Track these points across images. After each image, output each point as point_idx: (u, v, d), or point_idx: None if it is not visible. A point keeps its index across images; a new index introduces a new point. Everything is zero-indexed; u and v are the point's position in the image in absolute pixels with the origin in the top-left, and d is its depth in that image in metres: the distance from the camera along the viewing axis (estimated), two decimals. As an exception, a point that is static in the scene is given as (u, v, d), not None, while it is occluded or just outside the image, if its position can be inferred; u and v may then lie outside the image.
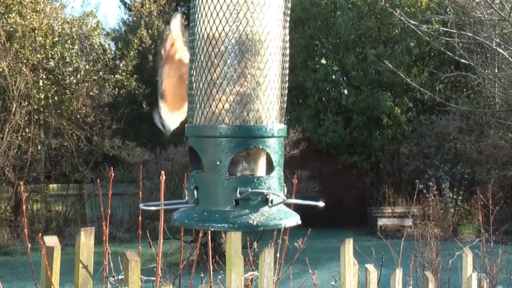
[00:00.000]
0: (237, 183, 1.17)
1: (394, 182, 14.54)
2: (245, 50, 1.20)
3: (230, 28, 1.19)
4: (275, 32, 1.23)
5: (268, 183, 1.19)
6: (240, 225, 1.16)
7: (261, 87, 1.21)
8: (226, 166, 1.17)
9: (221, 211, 1.17)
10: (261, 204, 1.18)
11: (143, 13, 17.20)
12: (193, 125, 1.25)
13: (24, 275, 9.09)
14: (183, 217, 1.22)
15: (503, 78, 12.75)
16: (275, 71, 1.23)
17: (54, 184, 14.92)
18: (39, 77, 13.59)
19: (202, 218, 1.18)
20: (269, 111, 1.22)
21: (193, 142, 1.24)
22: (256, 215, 1.17)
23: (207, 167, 1.20)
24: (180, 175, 9.92)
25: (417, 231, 6.20)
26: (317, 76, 15.78)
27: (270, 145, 1.21)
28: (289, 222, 1.20)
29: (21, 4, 13.45)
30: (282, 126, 1.24)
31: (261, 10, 1.20)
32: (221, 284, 2.55)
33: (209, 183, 1.19)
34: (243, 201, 1.17)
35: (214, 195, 1.18)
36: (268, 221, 1.17)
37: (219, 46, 1.20)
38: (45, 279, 1.74)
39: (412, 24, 10.11)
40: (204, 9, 1.21)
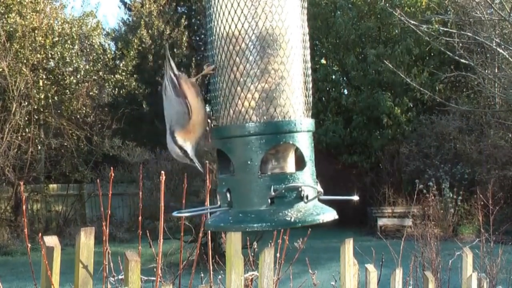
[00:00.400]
0: (270, 181, 1.15)
1: (394, 182, 14.54)
2: (266, 45, 1.18)
3: (250, 24, 1.18)
4: (295, 26, 1.22)
5: (301, 178, 1.18)
6: (278, 222, 1.14)
7: (285, 81, 1.19)
8: (257, 164, 1.15)
9: (257, 211, 1.15)
10: (296, 200, 1.16)
11: (143, 13, 17.20)
12: (219, 126, 1.23)
13: (24, 275, 9.09)
14: (218, 221, 1.20)
15: (503, 78, 12.75)
16: (299, 64, 1.22)
17: (54, 184, 14.92)
18: (39, 77, 13.59)
19: (238, 220, 1.16)
20: (296, 106, 1.20)
21: (221, 144, 1.21)
22: (292, 211, 1.15)
23: (237, 167, 1.18)
24: (180, 175, 9.93)
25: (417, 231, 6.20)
26: (317, 76, 15.76)
27: (300, 140, 1.19)
28: (326, 217, 1.18)
29: (21, 4, 13.45)
30: (310, 120, 1.23)
31: (279, 3, 1.19)
32: (221, 284, 2.55)
33: (241, 184, 1.17)
34: (278, 198, 1.15)
35: (248, 196, 1.16)
36: (305, 216, 1.15)
37: (240, 44, 1.18)
38: (45, 279, 1.75)
39: (412, 24, 10.11)
40: (221, 8, 1.20)
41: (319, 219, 1.17)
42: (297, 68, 1.21)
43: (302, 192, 1.16)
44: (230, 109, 1.20)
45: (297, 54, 1.21)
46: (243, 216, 1.16)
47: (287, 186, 1.15)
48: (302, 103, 1.22)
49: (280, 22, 1.19)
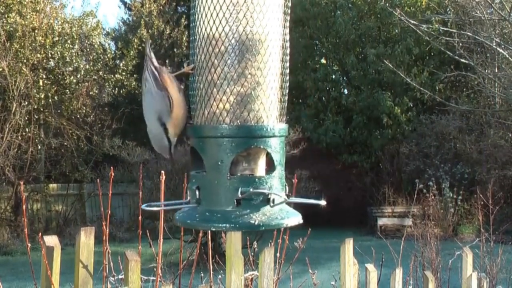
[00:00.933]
0: (239, 183, 1.17)
1: (394, 182, 14.54)
2: (245, 50, 1.20)
3: (230, 28, 1.19)
4: (275, 32, 1.23)
5: (269, 182, 1.19)
6: (242, 225, 1.16)
7: (261, 87, 1.21)
8: (227, 166, 1.17)
9: (223, 211, 1.17)
10: (262, 203, 1.18)
11: (143, 12, 17.19)
12: (194, 125, 1.25)
13: (24, 275, 9.09)
14: (185, 217, 1.22)
15: (503, 77, 12.75)
16: (276, 70, 1.23)
17: (54, 184, 14.91)
18: (39, 77, 13.59)
19: (204, 218, 1.18)
20: (269, 111, 1.22)
21: (195, 143, 1.24)
22: (257, 214, 1.17)
23: (208, 167, 1.20)
24: (180, 174, 9.92)
25: (417, 231, 6.20)
26: (317, 76, 15.77)
27: (271, 145, 1.21)
28: (291, 221, 1.20)
29: (21, 3, 13.45)
30: (283, 126, 1.24)
31: (261, 10, 1.20)
32: (221, 284, 2.55)
33: (210, 183, 1.19)
34: (245, 201, 1.16)
35: (216, 195, 1.18)
36: (270, 220, 1.17)
37: (219, 46, 1.20)
38: (45, 279, 1.74)
39: (412, 24, 10.12)
40: (204, 9, 1.21)
41: (284, 224, 1.19)
42: (273, 74, 1.23)
43: (269, 196, 1.18)
44: (205, 110, 1.21)
45: (275, 60, 1.23)
46: (210, 215, 1.18)
47: (253, 191, 1.16)
48: (276, 109, 1.23)
49: (261, 28, 1.20)
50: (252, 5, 1.19)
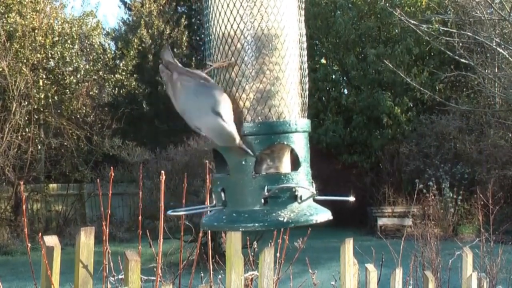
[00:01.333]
0: (264, 181, 1.15)
1: (394, 182, 14.53)
2: (261, 46, 1.19)
3: (245, 25, 1.18)
4: (291, 26, 1.22)
5: (296, 179, 1.18)
6: (270, 223, 1.14)
7: (280, 82, 1.19)
8: (251, 164, 1.16)
9: (250, 211, 1.16)
10: (290, 200, 1.16)
11: (143, 12, 17.20)
12: None
13: (24, 275, 9.09)
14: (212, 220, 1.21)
15: (503, 77, 12.75)
16: (294, 65, 1.22)
17: (54, 184, 14.91)
18: (39, 77, 13.59)
19: (232, 219, 1.17)
20: (290, 106, 1.20)
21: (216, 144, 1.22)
22: (285, 212, 1.15)
23: (232, 167, 1.18)
24: (180, 175, 9.91)
25: (417, 231, 6.20)
26: (317, 76, 15.77)
27: (294, 141, 1.19)
28: (320, 217, 1.18)
29: (21, 3, 13.45)
30: (305, 121, 1.23)
31: (275, 4, 1.19)
32: (221, 284, 2.55)
33: (235, 184, 1.17)
34: (272, 199, 1.15)
35: (242, 195, 1.17)
36: (299, 217, 1.15)
37: (236, 44, 1.19)
38: (45, 279, 1.74)
39: (412, 24, 10.12)
40: (218, 8, 1.20)
41: (313, 220, 1.17)
42: (292, 69, 1.21)
43: (296, 192, 1.16)
44: None
45: (293, 55, 1.21)
46: (237, 215, 1.16)
47: (280, 186, 1.15)
48: (297, 104, 1.22)
49: (276, 23, 1.19)
50: (267, 0, 1.18)
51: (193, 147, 11.02)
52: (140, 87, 16.29)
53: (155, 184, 10.56)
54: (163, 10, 17.48)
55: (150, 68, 16.74)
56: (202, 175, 8.03)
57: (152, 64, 16.75)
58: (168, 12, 17.58)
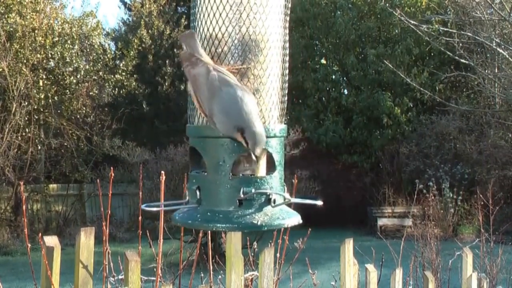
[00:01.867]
0: (240, 183, 1.17)
1: (394, 182, 14.54)
2: (247, 50, 1.19)
3: (233, 28, 1.19)
4: (277, 32, 1.23)
5: (271, 182, 1.19)
6: (244, 225, 1.16)
7: (264, 88, 1.21)
8: (229, 166, 1.17)
9: (225, 211, 1.17)
10: (264, 204, 1.18)
11: (143, 13, 17.19)
12: (195, 125, 1.24)
13: (24, 275, 9.09)
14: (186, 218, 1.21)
15: (503, 78, 12.75)
16: (276, 71, 1.23)
17: (54, 184, 14.91)
18: (39, 77, 13.59)
19: (206, 218, 1.18)
20: (271, 111, 1.22)
21: (195, 142, 1.23)
22: (259, 215, 1.17)
23: (210, 167, 1.19)
24: (180, 175, 9.92)
25: (417, 231, 6.20)
26: (317, 76, 15.77)
27: (272, 145, 1.21)
28: (291, 221, 1.20)
29: (21, 4, 13.45)
30: (283, 126, 1.24)
31: (264, 10, 1.20)
32: (221, 284, 2.55)
33: (212, 183, 1.18)
34: (247, 201, 1.16)
35: (217, 195, 1.18)
36: (272, 220, 1.17)
37: (222, 47, 1.19)
38: (45, 279, 1.74)
39: (412, 24, 10.11)
40: (206, 9, 1.21)
41: (285, 224, 1.19)
42: (275, 74, 1.23)
43: (270, 196, 1.18)
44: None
45: (276, 61, 1.23)
46: (211, 215, 1.17)
47: (256, 191, 1.16)
48: (277, 109, 1.24)
49: (263, 28, 1.20)
50: (255, 5, 1.19)
51: (193, 147, 11.02)
52: (140, 87, 16.29)
53: (155, 184, 10.57)
54: (163, 10, 17.47)
55: (150, 69, 16.73)
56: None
57: (152, 64, 16.75)
58: (168, 13, 17.58)
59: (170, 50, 16.94)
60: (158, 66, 16.71)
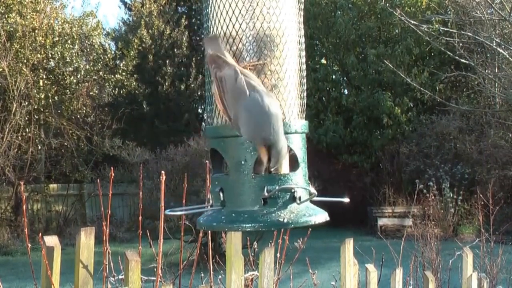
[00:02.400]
0: (264, 182, 1.15)
1: (394, 182, 14.53)
2: (263, 46, 1.18)
3: (247, 25, 1.17)
4: (292, 27, 1.22)
5: (294, 180, 1.17)
6: (270, 223, 1.14)
7: (281, 83, 1.19)
8: (251, 165, 1.15)
9: (250, 211, 1.15)
10: (289, 201, 1.16)
11: (143, 13, 17.19)
12: (214, 126, 1.22)
13: (24, 275, 9.09)
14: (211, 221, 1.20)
15: (503, 78, 12.75)
16: (294, 66, 1.22)
17: (54, 184, 14.92)
18: (39, 77, 13.59)
19: (231, 220, 1.16)
20: (290, 107, 1.20)
21: (215, 143, 1.21)
22: (285, 212, 1.15)
23: (231, 167, 1.18)
24: (180, 175, 9.92)
25: (417, 231, 6.20)
26: (317, 76, 15.77)
27: (293, 142, 1.19)
28: (318, 218, 1.18)
29: (21, 4, 13.45)
30: (304, 122, 1.23)
31: (277, 5, 1.19)
32: (221, 284, 2.55)
33: (234, 184, 1.17)
34: (271, 199, 1.15)
35: (241, 196, 1.16)
36: (298, 218, 1.15)
37: (237, 44, 1.18)
38: (45, 279, 1.75)
39: (412, 24, 10.11)
40: (219, 8, 1.19)
41: (312, 221, 1.17)
42: (292, 70, 1.21)
43: (295, 193, 1.16)
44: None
45: (293, 56, 1.21)
46: (236, 216, 1.16)
47: (280, 187, 1.15)
48: (296, 105, 1.22)
49: (278, 23, 1.19)
50: (269, 0, 1.18)
51: (193, 147, 11.03)
52: (140, 87, 16.29)
53: (155, 184, 10.56)
54: (163, 10, 17.47)
55: (150, 68, 16.74)
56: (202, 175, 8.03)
57: (152, 64, 16.75)
58: (168, 13, 17.58)
59: (170, 50, 16.94)
60: (158, 66, 16.71)
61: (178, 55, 16.95)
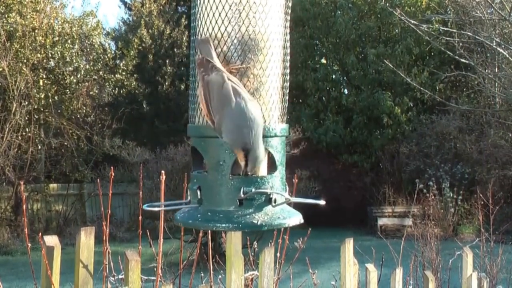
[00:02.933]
0: (241, 183, 1.16)
1: (394, 182, 14.54)
2: (247, 50, 1.19)
3: (233, 28, 1.18)
4: (277, 32, 1.23)
5: (271, 182, 1.19)
6: (244, 225, 1.16)
7: (263, 87, 1.20)
8: (229, 166, 1.17)
9: (225, 211, 1.17)
10: (264, 203, 1.17)
11: (143, 12, 17.19)
12: (196, 125, 1.24)
13: (24, 275, 9.09)
14: (187, 217, 1.21)
15: (503, 77, 12.75)
16: (277, 71, 1.23)
17: (54, 184, 14.91)
18: (39, 77, 13.59)
19: (206, 218, 1.18)
20: (271, 111, 1.22)
21: (196, 142, 1.23)
22: (260, 214, 1.16)
23: (210, 167, 1.19)
24: (180, 174, 9.92)
25: (417, 231, 6.20)
26: (317, 76, 15.77)
27: (273, 145, 1.20)
28: (292, 221, 1.20)
29: (21, 3, 13.45)
30: (284, 126, 1.24)
31: (263, 9, 1.19)
32: (221, 284, 2.55)
33: (212, 183, 1.18)
34: (247, 200, 1.16)
35: (218, 195, 1.18)
36: (272, 220, 1.17)
37: (222, 46, 1.19)
38: (45, 278, 1.74)
39: (412, 23, 10.11)
40: (206, 9, 1.20)
41: (285, 223, 1.19)
42: (275, 74, 1.22)
43: (271, 195, 1.17)
44: None
45: (277, 60, 1.22)
46: (212, 215, 1.17)
47: (256, 191, 1.16)
48: (278, 108, 1.23)
49: (263, 27, 1.20)
50: (255, 4, 1.19)
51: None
52: (140, 87, 16.29)
53: (155, 184, 10.57)
54: (163, 10, 17.47)
55: (150, 68, 16.74)
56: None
57: (152, 64, 16.75)
58: (168, 12, 17.57)
59: (170, 49, 16.94)
60: (158, 65, 16.71)
61: (178, 55, 16.94)
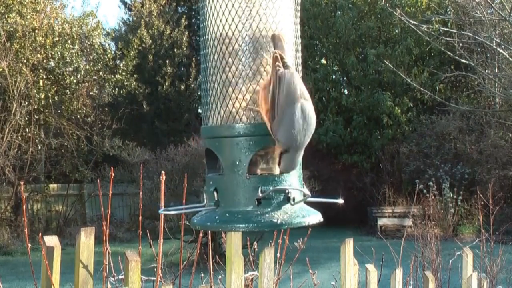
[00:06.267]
0: (258, 182, 1.15)
1: (394, 182, 14.54)
2: (259, 47, 1.18)
3: (243, 25, 1.18)
4: (288, 28, 1.22)
5: (289, 181, 1.17)
6: (263, 224, 1.14)
7: None
8: (245, 165, 1.15)
9: (243, 212, 1.15)
10: (283, 202, 1.16)
11: (143, 13, 17.19)
12: (210, 126, 1.22)
13: (24, 275, 9.09)
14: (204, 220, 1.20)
15: (503, 78, 12.75)
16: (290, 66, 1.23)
17: (54, 184, 14.91)
18: (39, 77, 13.59)
19: (225, 220, 1.16)
20: None
21: (210, 143, 1.21)
22: (279, 213, 1.15)
23: (226, 167, 1.18)
24: (180, 175, 9.92)
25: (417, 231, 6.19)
26: (317, 76, 15.77)
27: None
28: (312, 219, 1.18)
29: (21, 4, 13.45)
30: None
31: (274, 6, 1.19)
32: (221, 284, 2.55)
33: (229, 184, 1.17)
34: (265, 200, 1.15)
35: (235, 196, 1.16)
36: (292, 219, 1.15)
37: (233, 45, 1.18)
38: (45, 279, 1.75)
39: (412, 24, 10.12)
40: (215, 8, 1.20)
41: (305, 222, 1.17)
42: None
43: (289, 194, 1.16)
44: (221, 109, 1.20)
45: (289, 57, 1.21)
46: (230, 216, 1.16)
47: (274, 188, 1.15)
48: None
49: (274, 24, 1.19)
50: (265, 1, 1.18)
51: (193, 147, 11.03)
52: (140, 87, 16.29)
53: (155, 184, 10.55)
54: (163, 10, 17.47)
55: (150, 69, 16.74)
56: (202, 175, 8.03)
57: (152, 64, 16.75)
58: (168, 13, 17.58)
59: (170, 50, 16.94)
60: (158, 66, 16.71)
61: (178, 55, 16.94)
